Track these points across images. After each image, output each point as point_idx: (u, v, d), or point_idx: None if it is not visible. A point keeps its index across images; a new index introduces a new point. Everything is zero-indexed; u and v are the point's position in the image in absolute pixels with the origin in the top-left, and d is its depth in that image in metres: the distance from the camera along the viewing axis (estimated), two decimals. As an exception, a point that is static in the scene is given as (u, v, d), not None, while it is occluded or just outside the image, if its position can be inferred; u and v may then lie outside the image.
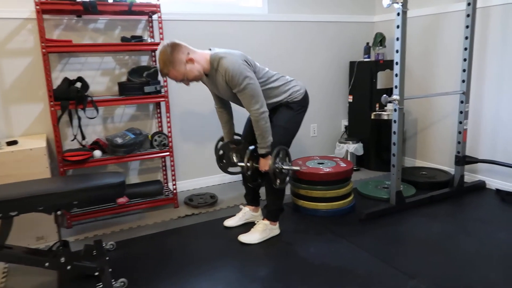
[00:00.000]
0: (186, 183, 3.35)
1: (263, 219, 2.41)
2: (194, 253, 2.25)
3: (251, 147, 2.22)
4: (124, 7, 2.60)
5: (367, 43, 3.74)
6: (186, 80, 2.11)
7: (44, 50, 2.43)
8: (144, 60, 3.02)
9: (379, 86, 3.62)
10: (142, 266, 2.13)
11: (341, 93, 3.95)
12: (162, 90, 2.80)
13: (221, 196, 3.15)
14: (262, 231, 2.34)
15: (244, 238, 2.34)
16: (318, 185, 2.66)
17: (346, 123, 3.99)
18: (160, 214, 2.84)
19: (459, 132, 2.91)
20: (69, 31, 2.75)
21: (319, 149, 3.94)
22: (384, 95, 2.48)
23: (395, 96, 2.52)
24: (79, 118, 2.70)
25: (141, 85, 2.73)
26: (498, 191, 2.97)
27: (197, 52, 2.13)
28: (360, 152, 3.68)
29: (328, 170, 2.66)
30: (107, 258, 2.03)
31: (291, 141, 2.35)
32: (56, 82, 2.69)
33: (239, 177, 3.35)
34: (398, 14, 2.43)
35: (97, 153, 2.66)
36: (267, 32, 3.47)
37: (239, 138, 2.50)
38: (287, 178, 2.25)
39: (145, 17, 2.95)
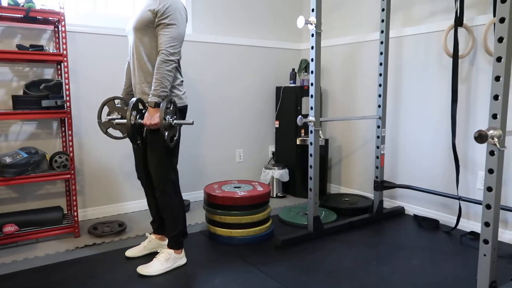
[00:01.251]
0: (96, 210, 3.03)
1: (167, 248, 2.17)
2: (82, 288, 1.95)
3: (136, 98, 1.99)
4: (21, 12, 2.36)
5: (293, 69, 3.74)
6: None
7: None
8: (48, 73, 2.75)
9: (304, 112, 3.60)
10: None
11: (269, 118, 3.89)
12: (65, 105, 2.54)
13: (131, 224, 2.87)
14: (164, 261, 2.10)
15: (144, 269, 2.07)
16: (233, 210, 2.48)
17: (274, 149, 3.91)
18: (56, 244, 2.50)
19: (377, 157, 2.91)
20: (-44, 36, 2.45)
21: (245, 175, 3.79)
22: (300, 116, 2.41)
23: (311, 118, 2.47)
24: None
25: (38, 99, 2.46)
26: (415, 216, 2.97)
27: None
28: (286, 178, 3.59)
29: (243, 194, 2.51)
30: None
31: (177, 155, 2.17)
32: None
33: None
34: (312, 35, 2.41)
35: (-20, 174, 2.32)
36: (191, 53, 3.35)
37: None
38: (176, 135, 2.04)
39: (51, 27, 2.71)
